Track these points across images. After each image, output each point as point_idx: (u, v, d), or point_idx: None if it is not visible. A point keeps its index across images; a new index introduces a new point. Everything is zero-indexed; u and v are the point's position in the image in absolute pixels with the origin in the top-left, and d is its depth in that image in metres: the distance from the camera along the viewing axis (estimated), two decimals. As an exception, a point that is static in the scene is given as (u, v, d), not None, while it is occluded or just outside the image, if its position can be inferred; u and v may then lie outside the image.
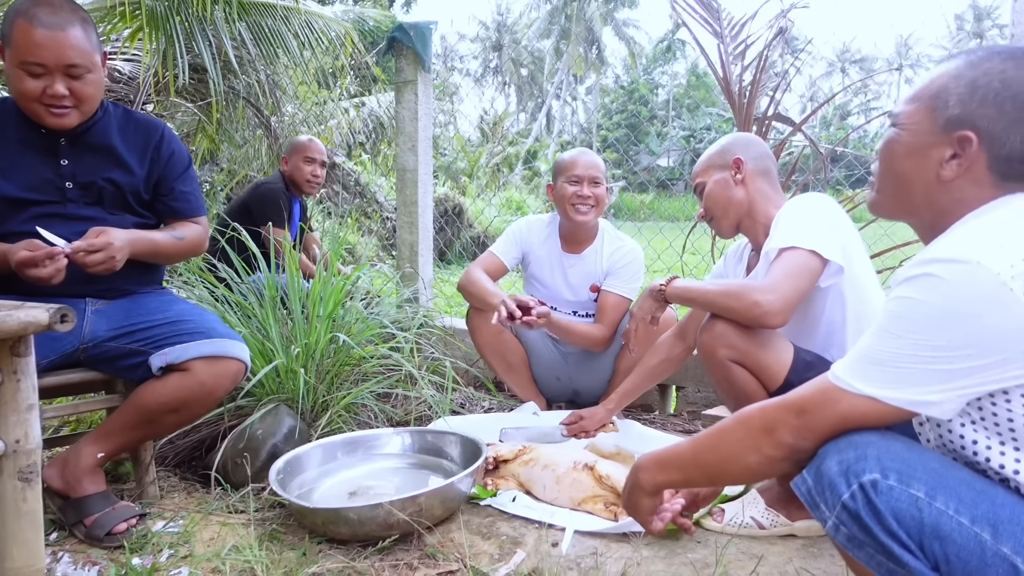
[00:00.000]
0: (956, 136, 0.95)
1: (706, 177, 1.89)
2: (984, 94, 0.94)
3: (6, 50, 1.57)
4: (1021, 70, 0.93)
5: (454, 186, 13.59)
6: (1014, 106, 0.92)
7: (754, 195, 1.83)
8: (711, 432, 1.07)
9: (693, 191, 1.96)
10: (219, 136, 5.20)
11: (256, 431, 1.92)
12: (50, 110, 1.60)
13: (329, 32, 4.49)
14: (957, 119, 0.96)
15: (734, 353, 1.61)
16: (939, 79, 0.99)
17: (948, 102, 0.97)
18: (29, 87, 1.57)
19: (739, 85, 2.98)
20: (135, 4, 3.56)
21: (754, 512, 1.65)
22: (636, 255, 2.53)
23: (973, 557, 0.82)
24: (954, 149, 0.96)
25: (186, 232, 1.83)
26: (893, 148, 1.04)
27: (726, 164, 1.86)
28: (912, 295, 0.88)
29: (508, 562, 1.53)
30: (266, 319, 2.19)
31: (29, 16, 1.54)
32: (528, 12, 44.04)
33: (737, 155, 1.84)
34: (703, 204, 1.90)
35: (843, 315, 1.66)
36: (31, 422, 1.23)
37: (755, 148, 1.88)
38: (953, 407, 0.88)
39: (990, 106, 0.93)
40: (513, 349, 2.56)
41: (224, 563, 1.51)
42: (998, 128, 0.93)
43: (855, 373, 0.93)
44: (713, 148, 1.93)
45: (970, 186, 0.96)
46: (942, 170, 0.97)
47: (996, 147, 0.93)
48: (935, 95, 0.98)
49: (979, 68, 0.95)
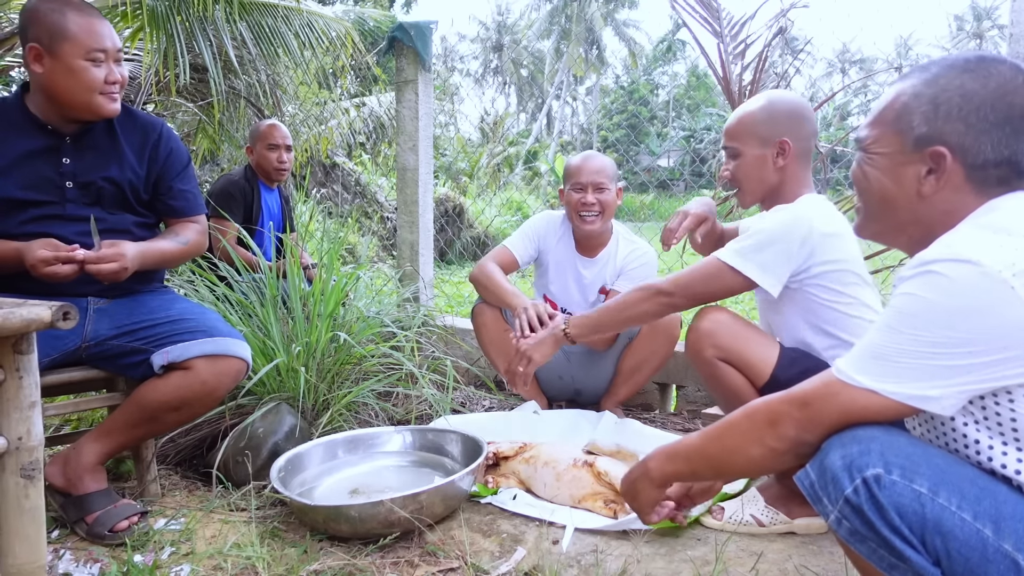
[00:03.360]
0: (928, 152, 0.97)
1: (743, 145, 1.72)
2: (947, 110, 0.95)
3: (57, 49, 1.59)
4: (977, 81, 0.95)
5: (454, 186, 13.59)
6: (978, 118, 0.94)
7: (787, 179, 1.71)
8: (719, 424, 1.08)
9: (722, 148, 1.79)
10: (219, 136, 5.20)
11: (257, 429, 1.92)
12: (109, 96, 1.65)
13: (329, 32, 4.49)
14: (926, 137, 0.97)
15: (720, 352, 1.64)
16: (898, 99, 1.00)
17: (912, 122, 0.98)
18: (95, 77, 1.62)
19: (739, 85, 2.99)
20: (136, 4, 3.56)
21: (754, 509, 1.65)
22: (649, 258, 2.50)
23: (975, 553, 0.83)
24: (928, 165, 0.97)
25: (188, 235, 1.84)
26: (868, 173, 1.05)
27: (770, 140, 1.69)
28: (915, 291, 0.89)
29: (509, 559, 1.53)
30: (267, 318, 2.19)
31: (76, 9, 1.59)
32: (528, 12, 44.06)
33: (785, 136, 1.68)
34: (734, 172, 1.75)
35: (805, 322, 1.67)
36: (33, 419, 1.24)
37: (806, 127, 1.71)
38: (953, 403, 0.89)
39: (956, 121, 0.95)
40: None
41: (225, 560, 1.51)
42: (968, 140, 0.95)
43: (857, 367, 0.93)
44: (759, 109, 1.71)
45: (953, 196, 0.97)
46: (921, 187, 0.98)
47: (970, 158, 0.95)
48: (898, 117, 1.00)
49: (937, 84, 0.97)
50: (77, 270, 1.55)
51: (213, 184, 3.36)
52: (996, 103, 0.93)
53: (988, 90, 0.94)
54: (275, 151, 3.29)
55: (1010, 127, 0.93)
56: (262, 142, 3.29)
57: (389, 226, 9.63)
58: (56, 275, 1.53)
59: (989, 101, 0.94)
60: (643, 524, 1.56)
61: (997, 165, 0.94)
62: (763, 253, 1.60)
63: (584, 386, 2.62)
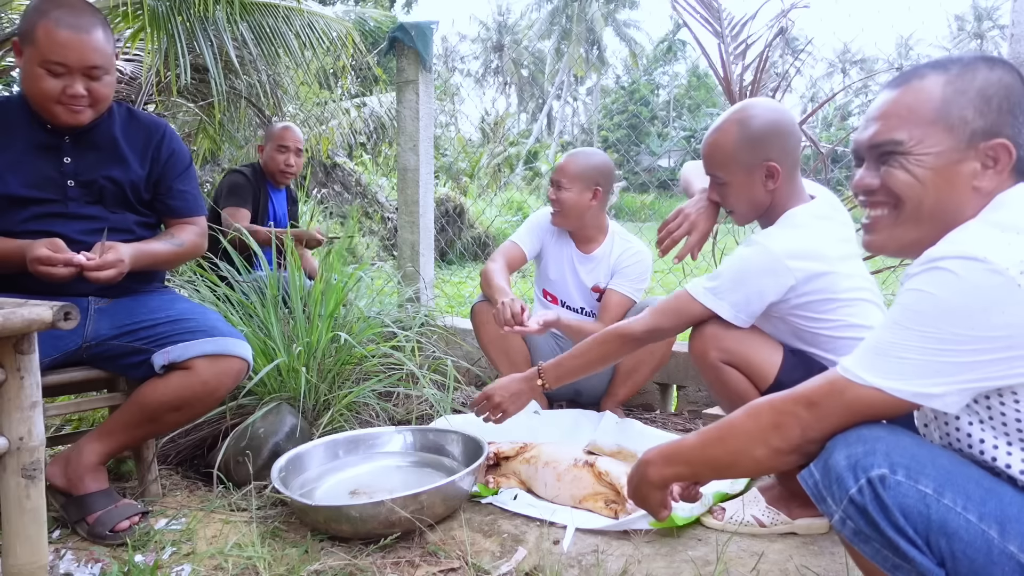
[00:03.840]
0: (986, 147, 0.95)
1: (727, 174, 1.62)
2: (999, 103, 0.95)
3: (26, 49, 1.58)
4: (1009, 74, 0.96)
5: (455, 186, 13.59)
6: (1020, 105, 0.95)
7: (779, 197, 1.63)
8: (719, 426, 1.06)
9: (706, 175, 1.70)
10: (220, 136, 5.21)
11: (258, 429, 1.92)
12: (67, 107, 1.61)
13: (330, 32, 4.49)
14: (983, 131, 0.96)
15: (724, 355, 1.62)
16: (929, 96, 0.98)
17: (966, 117, 0.96)
18: (49, 86, 1.58)
19: (740, 85, 2.98)
20: (137, 4, 3.56)
21: (755, 510, 1.65)
22: (643, 257, 2.52)
23: (979, 554, 0.83)
24: (983, 159, 0.96)
25: (184, 237, 1.83)
26: (919, 175, 0.98)
27: (755, 164, 1.58)
28: (922, 287, 0.89)
29: (509, 560, 1.53)
30: (268, 318, 2.19)
31: (53, 17, 1.55)
32: (529, 13, 44.07)
33: (772, 158, 1.57)
34: (723, 200, 1.69)
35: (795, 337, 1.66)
36: (34, 419, 1.24)
37: (790, 140, 1.60)
38: (957, 401, 0.88)
39: (1006, 113, 0.95)
40: (516, 347, 2.56)
41: (226, 560, 1.51)
42: (1015, 132, 0.95)
43: (862, 364, 0.93)
44: (736, 133, 1.59)
45: (999, 189, 0.96)
46: (978, 182, 0.96)
47: (1020, 149, 0.95)
48: (941, 113, 0.97)
49: (976, 78, 0.96)
50: (74, 272, 1.55)
51: (221, 179, 3.40)
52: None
53: (1020, 83, 0.96)
54: (284, 153, 3.33)
55: None
56: (273, 143, 3.33)
57: (390, 226, 9.64)
58: (51, 276, 1.53)
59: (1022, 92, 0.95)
60: (647, 524, 1.63)
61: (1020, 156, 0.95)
62: (735, 293, 1.58)
63: (584, 386, 2.62)
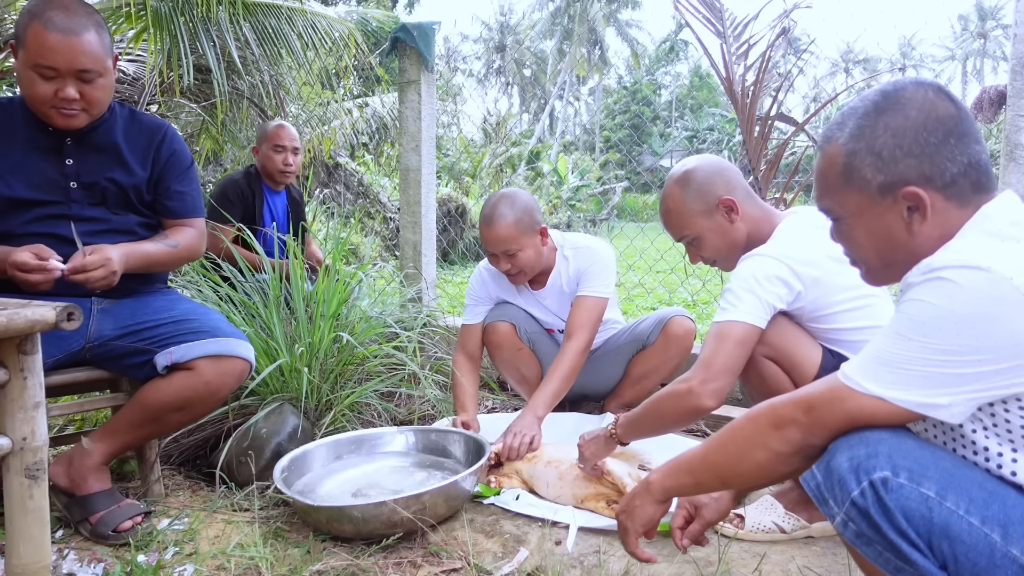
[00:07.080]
0: (900, 194, 0.96)
1: (692, 230, 1.67)
2: (890, 153, 0.95)
3: (19, 51, 1.58)
4: (898, 116, 0.95)
5: (457, 186, 13.59)
6: (922, 145, 0.94)
7: (751, 225, 1.66)
8: (721, 432, 1.06)
9: (676, 242, 1.72)
10: (223, 137, 5.21)
11: (260, 430, 1.93)
12: (60, 111, 1.60)
13: (333, 33, 4.49)
14: (888, 184, 0.96)
15: (768, 349, 1.59)
16: (832, 164, 1.01)
17: (865, 175, 0.97)
18: (41, 90, 1.58)
19: (742, 85, 2.98)
20: (140, 5, 3.57)
21: (775, 516, 1.64)
22: (597, 255, 2.37)
23: (982, 558, 0.82)
24: (906, 204, 0.96)
25: (180, 238, 1.81)
26: (853, 236, 1.03)
27: (710, 208, 1.64)
28: (924, 298, 0.88)
29: (511, 560, 1.53)
30: (270, 318, 2.19)
31: (44, 19, 1.54)
32: (531, 13, 44.08)
33: (721, 195, 1.63)
34: (704, 256, 1.71)
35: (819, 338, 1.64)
36: (38, 420, 1.24)
37: (729, 174, 1.67)
38: (962, 411, 0.88)
39: (904, 158, 0.95)
40: (528, 363, 2.51)
41: (229, 560, 1.51)
42: (927, 168, 0.94)
43: (865, 373, 0.92)
44: (679, 193, 1.66)
45: (941, 219, 0.95)
46: (910, 225, 0.97)
47: (938, 181, 0.94)
48: (845, 178, 0.99)
49: (863, 136, 0.97)
50: (51, 280, 1.53)
51: (217, 185, 3.32)
52: (927, 124, 0.94)
53: (911, 119, 0.95)
54: (281, 153, 3.20)
55: (953, 137, 0.94)
56: (268, 143, 3.20)
57: (392, 226, 9.64)
58: (28, 282, 1.51)
59: (920, 126, 0.94)
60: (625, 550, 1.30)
61: (964, 174, 0.94)
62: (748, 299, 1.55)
63: (590, 389, 2.61)
